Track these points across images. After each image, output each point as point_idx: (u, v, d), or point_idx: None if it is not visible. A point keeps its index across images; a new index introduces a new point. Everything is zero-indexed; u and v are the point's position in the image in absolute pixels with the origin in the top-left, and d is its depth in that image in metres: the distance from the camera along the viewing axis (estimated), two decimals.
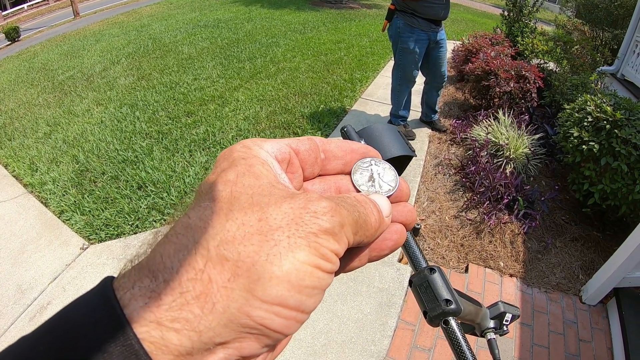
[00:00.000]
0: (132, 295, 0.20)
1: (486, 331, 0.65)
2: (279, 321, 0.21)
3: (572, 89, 3.90)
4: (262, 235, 0.21)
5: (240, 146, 0.27)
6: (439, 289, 0.36)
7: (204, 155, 3.82)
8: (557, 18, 8.07)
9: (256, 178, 0.24)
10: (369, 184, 0.32)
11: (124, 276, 0.22)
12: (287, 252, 0.21)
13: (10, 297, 2.49)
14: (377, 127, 0.46)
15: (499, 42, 5.27)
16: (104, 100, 5.32)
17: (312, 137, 0.31)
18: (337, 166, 0.32)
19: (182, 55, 7.02)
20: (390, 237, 0.31)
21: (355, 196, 0.28)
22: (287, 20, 9.75)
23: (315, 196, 0.24)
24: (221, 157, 0.27)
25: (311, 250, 0.22)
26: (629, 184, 2.55)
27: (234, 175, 0.24)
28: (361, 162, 0.33)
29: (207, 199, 0.23)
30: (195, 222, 0.22)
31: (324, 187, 0.32)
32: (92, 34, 10.07)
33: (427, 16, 3.34)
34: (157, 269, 0.21)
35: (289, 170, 0.29)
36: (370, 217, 0.27)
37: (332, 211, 0.23)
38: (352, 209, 0.25)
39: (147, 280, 0.21)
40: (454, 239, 2.88)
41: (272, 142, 0.28)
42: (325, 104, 4.77)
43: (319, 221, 0.23)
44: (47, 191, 3.47)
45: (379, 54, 6.72)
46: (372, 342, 2.17)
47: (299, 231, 0.22)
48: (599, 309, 2.44)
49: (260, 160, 0.26)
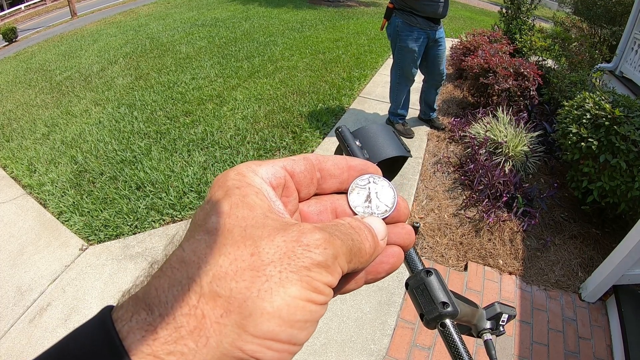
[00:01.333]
0: (130, 327, 0.21)
1: (483, 332, 0.65)
2: (271, 354, 0.21)
3: (571, 87, 3.90)
4: (254, 270, 0.21)
5: (234, 173, 0.27)
6: (435, 292, 0.36)
7: (203, 154, 3.82)
8: (555, 15, 8.07)
9: (250, 209, 0.24)
10: (365, 204, 0.32)
11: (122, 307, 0.22)
12: (278, 288, 0.21)
13: (9, 299, 2.49)
14: (372, 128, 0.46)
15: (497, 40, 5.27)
16: (102, 101, 5.31)
17: (308, 156, 0.31)
18: (334, 185, 0.32)
19: (179, 54, 7.01)
20: (386, 260, 0.31)
21: (349, 222, 0.27)
22: (284, 18, 9.74)
23: (308, 228, 0.24)
24: (216, 184, 0.27)
25: (303, 285, 0.22)
26: (627, 181, 2.55)
27: (227, 207, 0.24)
28: (359, 180, 0.33)
29: (201, 231, 0.24)
30: (189, 257, 0.22)
31: (319, 208, 0.31)
32: (89, 34, 10.04)
33: (425, 14, 3.34)
34: (153, 303, 0.21)
35: (284, 194, 0.29)
36: (365, 244, 0.27)
37: (325, 243, 0.23)
38: (345, 237, 0.25)
39: (143, 313, 0.21)
40: (453, 237, 2.88)
41: (267, 167, 0.28)
42: (324, 102, 4.77)
43: (312, 254, 0.23)
44: (45, 192, 3.47)
45: (377, 52, 6.71)
46: (372, 340, 2.18)
47: (290, 265, 0.22)
48: (599, 307, 2.44)
49: (254, 189, 0.26)
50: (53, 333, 2.26)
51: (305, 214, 0.31)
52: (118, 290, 2.51)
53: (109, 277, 2.60)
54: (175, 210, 3.14)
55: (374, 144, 0.44)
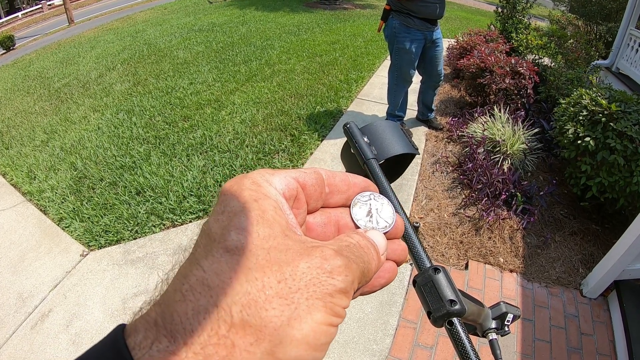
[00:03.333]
0: (151, 357, 0.20)
1: (488, 331, 0.65)
2: None
3: (568, 84, 3.91)
4: (282, 298, 0.22)
5: (249, 182, 0.27)
6: (443, 289, 0.36)
7: (202, 159, 3.82)
8: (551, 13, 8.10)
9: (270, 227, 0.24)
10: (367, 218, 0.33)
11: (138, 331, 0.21)
12: (306, 315, 0.22)
13: (11, 306, 2.49)
14: (380, 124, 0.46)
15: (493, 39, 5.29)
16: (100, 107, 5.32)
17: (318, 170, 0.31)
18: (340, 200, 0.33)
19: (177, 59, 7.02)
20: (383, 275, 0.31)
21: (358, 241, 0.28)
22: (281, 22, 9.76)
23: (329, 253, 0.24)
24: (229, 192, 0.26)
25: (327, 310, 0.22)
26: (626, 176, 2.56)
27: (247, 223, 0.24)
28: (360, 196, 0.34)
29: (220, 249, 0.23)
30: (212, 280, 0.22)
31: (324, 220, 0.32)
32: (87, 41, 10.06)
33: (422, 15, 3.35)
34: (176, 330, 0.20)
35: (295, 206, 0.29)
36: (372, 264, 0.28)
37: (346, 270, 0.24)
38: (358, 260, 0.26)
39: (165, 341, 0.20)
40: (453, 236, 2.88)
41: (280, 177, 0.28)
42: (322, 105, 4.78)
43: (334, 282, 0.23)
44: (45, 199, 3.47)
45: (374, 54, 6.72)
46: (374, 341, 2.18)
47: (316, 292, 0.22)
48: (600, 302, 2.45)
49: (271, 203, 0.26)
50: (55, 339, 2.26)
51: (310, 225, 0.32)
52: (119, 295, 2.51)
53: (110, 283, 2.60)
54: (176, 214, 3.14)
55: (382, 141, 0.44)
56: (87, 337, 2.26)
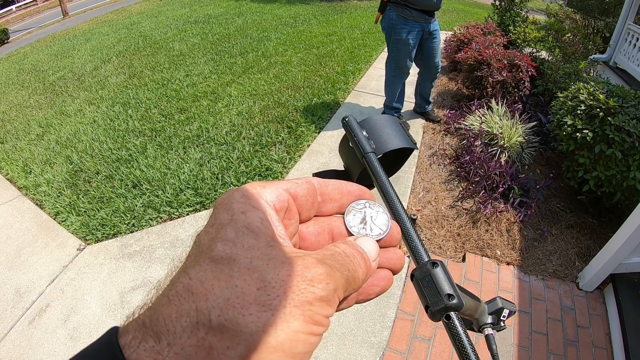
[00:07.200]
0: (139, 355, 0.21)
1: (484, 326, 0.65)
2: None
3: (565, 77, 3.91)
4: (260, 305, 0.22)
5: (239, 195, 0.27)
6: (441, 284, 0.36)
7: (198, 151, 3.80)
8: (549, 7, 8.08)
9: (255, 237, 0.25)
10: (361, 226, 0.33)
11: (128, 332, 0.23)
12: (282, 323, 0.22)
13: (8, 301, 2.48)
14: (378, 119, 0.46)
15: (490, 32, 5.27)
16: (95, 100, 5.28)
17: (310, 180, 0.32)
18: (334, 208, 0.34)
19: (173, 52, 6.96)
20: (377, 283, 0.32)
21: (343, 250, 0.28)
22: (277, 14, 9.69)
23: (311, 262, 0.25)
24: (220, 205, 0.27)
25: (305, 319, 0.23)
26: (623, 170, 2.56)
27: (233, 234, 0.25)
28: (356, 204, 0.34)
29: (207, 259, 0.24)
30: (196, 286, 0.23)
31: (317, 229, 0.33)
32: (81, 33, 9.96)
33: (420, 7, 3.33)
34: (161, 331, 0.22)
35: (287, 217, 0.30)
36: (359, 272, 0.28)
37: (328, 278, 0.24)
38: (342, 268, 0.26)
39: (151, 341, 0.22)
40: (450, 229, 2.89)
41: (271, 189, 0.29)
42: (319, 97, 4.76)
43: (314, 289, 0.24)
44: (41, 193, 3.45)
45: (370, 46, 6.69)
46: (372, 333, 2.19)
47: (295, 300, 0.23)
48: (596, 295, 2.46)
49: (259, 215, 0.27)
50: (53, 334, 2.25)
51: (303, 234, 0.32)
52: (117, 289, 2.50)
53: (107, 277, 2.60)
54: (173, 207, 3.13)
55: (380, 135, 0.44)
56: (85, 332, 2.26)
